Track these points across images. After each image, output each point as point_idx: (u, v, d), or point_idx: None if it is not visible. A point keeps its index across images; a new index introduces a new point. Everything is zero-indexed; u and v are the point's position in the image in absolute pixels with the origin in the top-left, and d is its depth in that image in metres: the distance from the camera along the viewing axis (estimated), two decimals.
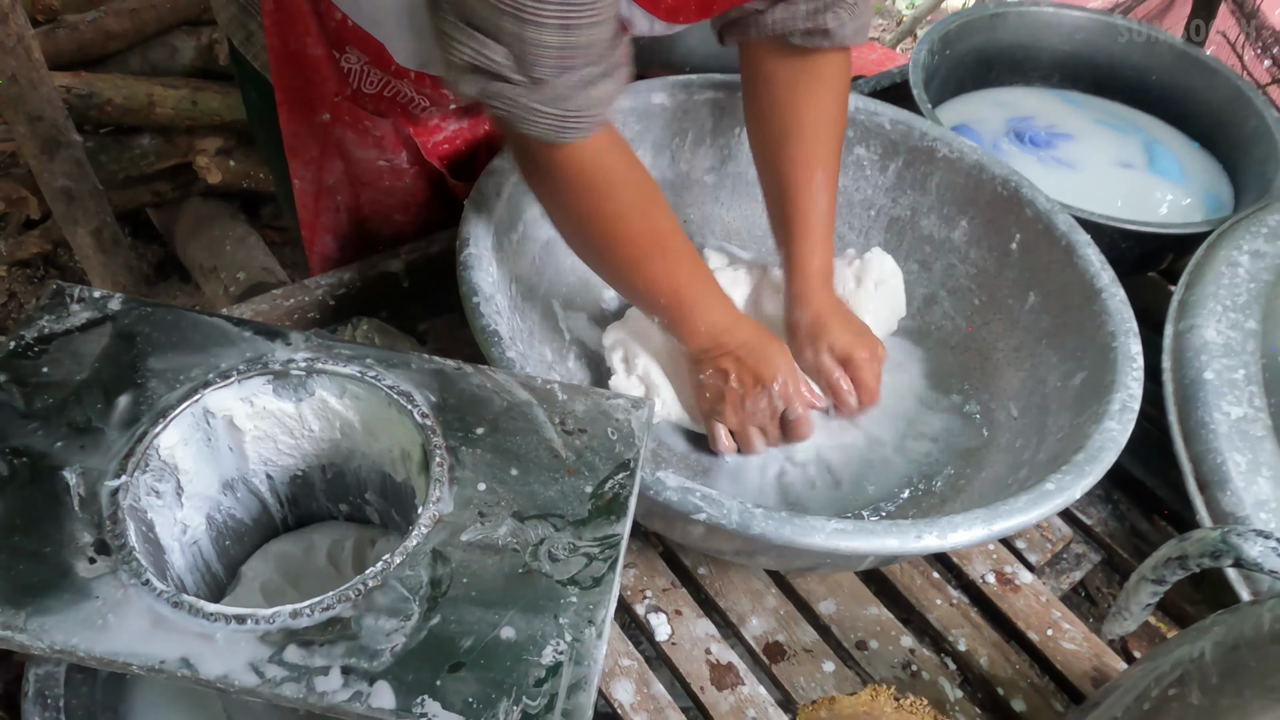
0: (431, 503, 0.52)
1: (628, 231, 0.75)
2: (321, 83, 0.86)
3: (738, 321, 0.80)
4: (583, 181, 0.72)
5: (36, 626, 0.46)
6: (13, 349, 0.57)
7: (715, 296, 0.79)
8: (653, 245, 0.76)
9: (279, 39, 0.83)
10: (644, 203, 0.75)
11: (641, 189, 0.75)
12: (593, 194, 0.72)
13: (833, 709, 0.37)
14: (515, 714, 0.45)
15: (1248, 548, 0.53)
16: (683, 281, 0.77)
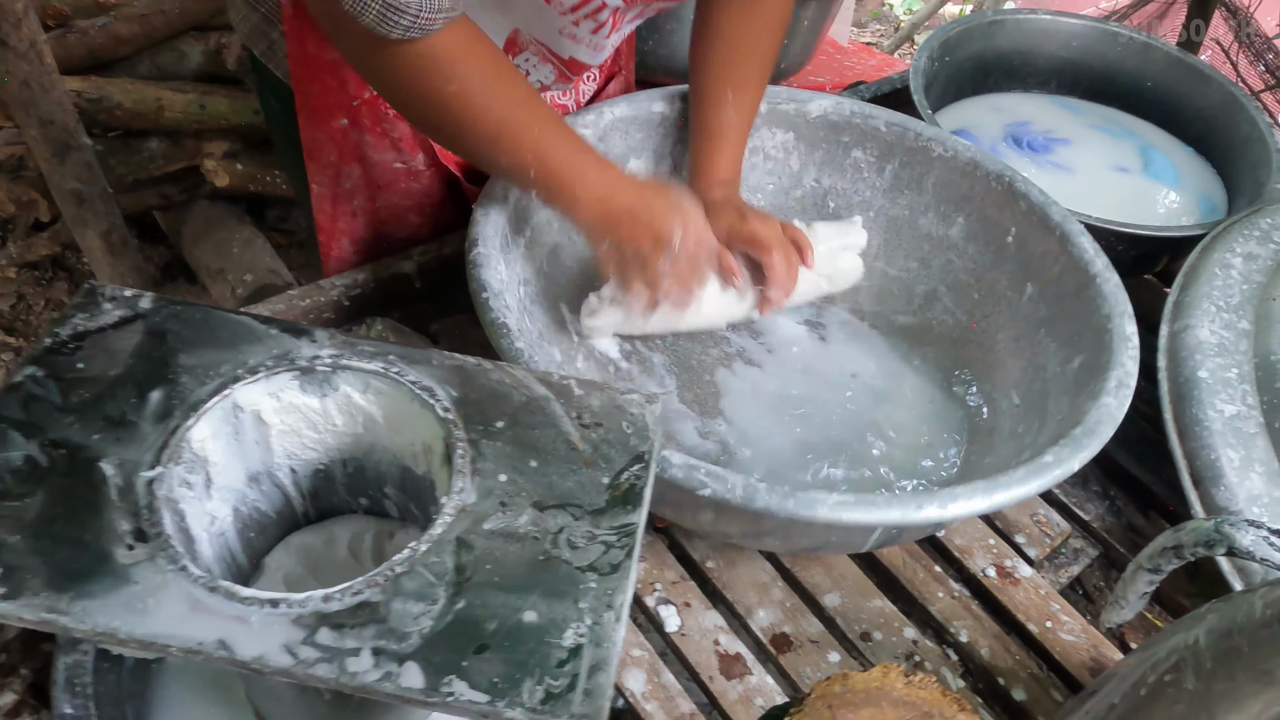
0: (455, 493, 0.54)
1: (477, 109, 0.72)
2: (340, 88, 0.88)
3: (619, 181, 0.77)
4: (420, 67, 0.70)
5: (80, 610, 0.48)
6: (49, 346, 0.58)
7: (589, 160, 0.76)
8: (506, 119, 0.73)
9: (298, 45, 0.85)
10: (492, 80, 0.72)
11: (487, 66, 0.72)
12: (430, 77, 0.70)
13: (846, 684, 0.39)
14: (539, 693, 0.47)
15: (1240, 537, 0.55)
16: (547, 150, 0.74)
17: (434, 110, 0.73)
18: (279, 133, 1.00)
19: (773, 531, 0.74)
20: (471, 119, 0.72)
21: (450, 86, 0.71)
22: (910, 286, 1.04)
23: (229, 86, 1.84)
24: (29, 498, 0.51)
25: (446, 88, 0.71)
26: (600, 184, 0.76)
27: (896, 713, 0.38)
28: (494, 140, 0.74)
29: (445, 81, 0.70)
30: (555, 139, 0.75)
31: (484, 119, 0.72)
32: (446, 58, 0.69)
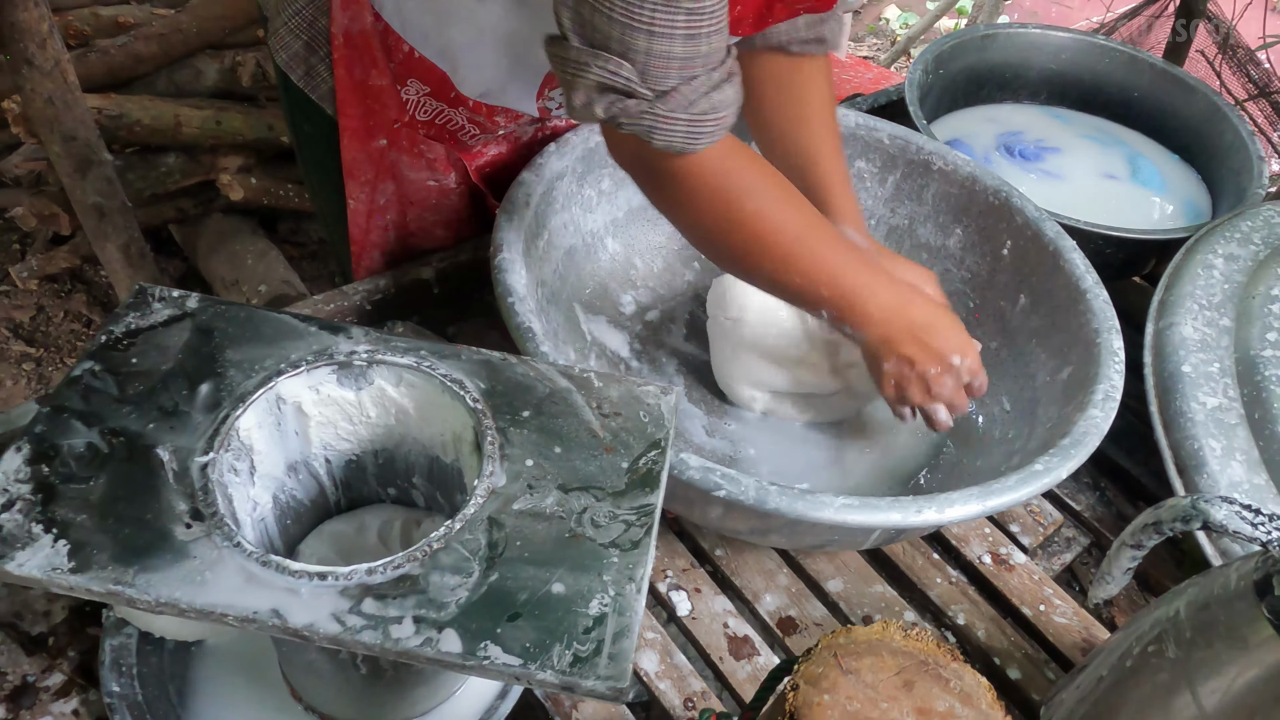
0: (486, 476, 0.58)
1: (772, 228, 0.74)
2: (382, 111, 0.93)
3: (909, 299, 0.79)
4: (716, 185, 0.72)
5: (143, 582, 0.52)
6: (104, 342, 0.63)
7: (878, 277, 0.79)
8: (800, 238, 0.75)
9: (346, 71, 0.90)
10: (783, 197, 0.75)
11: (777, 184, 0.75)
12: (729, 196, 0.72)
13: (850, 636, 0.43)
14: (567, 657, 0.51)
15: (1214, 512, 0.59)
16: (840, 269, 0.76)
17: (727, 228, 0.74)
18: (308, 153, 1.05)
19: (780, 529, 0.78)
20: (766, 236, 0.74)
21: (749, 204, 0.73)
22: None
23: (243, 103, 1.89)
24: (93, 481, 0.55)
25: (746, 205, 0.73)
26: (891, 301, 0.78)
27: (895, 661, 0.42)
28: (788, 260, 0.75)
29: (737, 198, 0.73)
30: (847, 258, 0.77)
31: (778, 238, 0.74)
32: (735, 172, 0.72)
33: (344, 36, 0.90)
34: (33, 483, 0.55)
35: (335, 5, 0.88)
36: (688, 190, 0.73)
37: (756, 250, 0.75)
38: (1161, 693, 0.63)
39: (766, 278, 0.78)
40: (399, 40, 0.89)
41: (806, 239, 0.76)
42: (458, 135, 0.97)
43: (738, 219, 0.74)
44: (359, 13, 0.88)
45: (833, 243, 0.78)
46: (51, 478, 0.55)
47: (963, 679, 0.43)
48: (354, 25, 0.89)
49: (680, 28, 0.64)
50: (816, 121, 0.91)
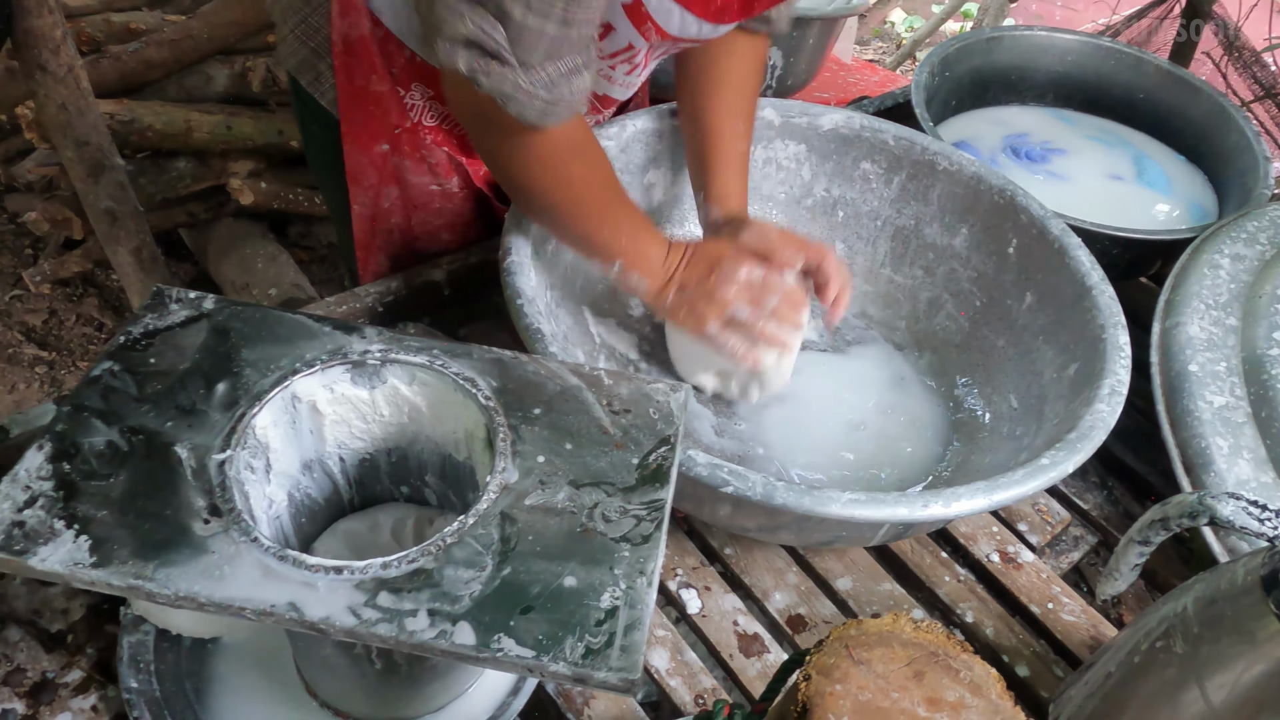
0: (498, 472, 0.59)
1: (582, 194, 0.81)
2: (384, 116, 0.94)
3: (673, 245, 0.86)
4: (551, 152, 0.78)
5: (163, 576, 0.52)
6: (123, 343, 0.64)
7: (653, 235, 0.86)
8: (610, 203, 0.83)
9: (346, 78, 0.91)
10: (594, 166, 0.82)
11: (598, 160, 0.82)
12: (550, 162, 0.79)
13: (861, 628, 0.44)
14: (580, 649, 0.52)
15: (1221, 508, 0.59)
16: (631, 229, 0.84)
17: (558, 190, 0.81)
18: (317, 156, 1.06)
19: (788, 526, 0.79)
20: (585, 200, 0.82)
21: (575, 169, 0.80)
22: (915, 293, 1.09)
23: (254, 108, 1.91)
24: (113, 478, 0.56)
25: (573, 170, 0.80)
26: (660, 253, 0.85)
27: (906, 652, 0.42)
28: (599, 217, 0.83)
29: (571, 164, 0.80)
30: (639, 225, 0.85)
31: (593, 203, 0.82)
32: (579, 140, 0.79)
33: (343, 43, 0.91)
34: (54, 480, 0.56)
35: (335, 13, 0.90)
36: (526, 155, 0.78)
37: (577, 207, 0.82)
38: (1169, 688, 0.63)
39: (577, 230, 0.84)
40: (400, 45, 0.90)
41: (614, 198, 0.84)
42: (465, 139, 0.98)
43: (566, 178, 0.80)
44: (358, 19, 0.90)
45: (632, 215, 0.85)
46: (73, 475, 0.56)
47: (972, 670, 0.43)
48: (353, 32, 0.90)
49: (557, 10, 0.67)
50: (727, 98, 0.94)
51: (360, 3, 0.88)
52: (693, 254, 0.86)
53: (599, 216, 0.83)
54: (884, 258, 1.11)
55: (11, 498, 0.55)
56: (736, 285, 0.84)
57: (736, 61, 0.94)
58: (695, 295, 0.84)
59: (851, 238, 1.12)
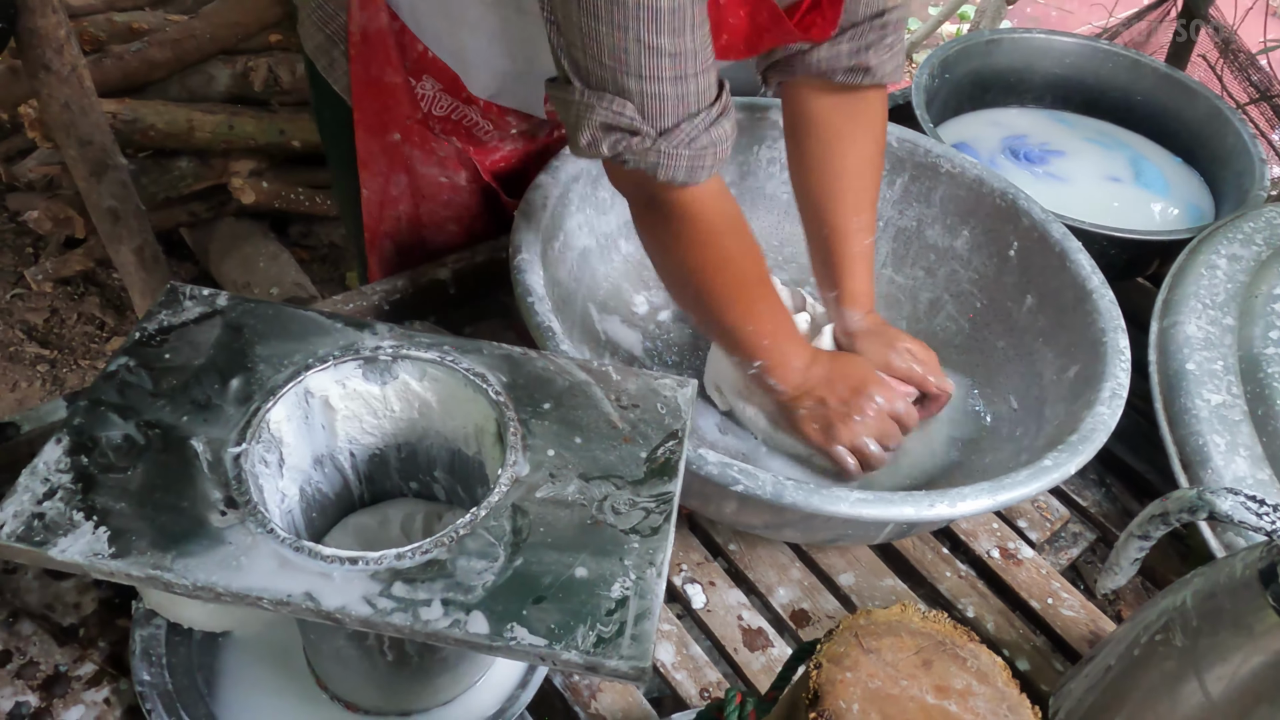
0: (509, 466, 0.60)
1: (745, 274, 0.80)
2: (396, 106, 0.95)
3: (816, 355, 0.86)
4: (700, 225, 0.77)
5: (181, 567, 0.53)
6: (138, 339, 0.65)
7: (798, 338, 0.86)
8: (763, 290, 0.81)
9: (361, 66, 0.92)
10: (748, 250, 0.80)
11: (746, 237, 0.80)
12: (717, 231, 0.78)
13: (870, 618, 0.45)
14: (591, 638, 0.53)
15: (1219, 503, 0.60)
16: (776, 327, 0.82)
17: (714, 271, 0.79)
18: (331, 141, 1.08)
19: (794, 524, 0.80)
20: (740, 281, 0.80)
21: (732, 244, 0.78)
22: (915, 294, 1.10)
23: (255, 108, 1.92)
24: (130, 470, 0.57)
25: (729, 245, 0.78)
26: (805, 358, 0.84)
27: (914, 640, 0.43)
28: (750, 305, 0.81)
29: (728, 238, 0.78)
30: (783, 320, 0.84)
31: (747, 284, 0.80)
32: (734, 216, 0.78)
33: (361, 34, 0.92)
34: (73, 472, 0.57)
35: (354, 5, 0.91)
36: (680, 220, 0.77)
37: (728, 291, 0.80)
38: (1169, 680, 0.64)
39: (726, 320, 0.82)
40: (414, 39, 0.91)
41: (766, 292, 0.82)
42: (473, 131, 0.99)
43: (721, 258, 0.79)
44: (375, 12, 0.91)
45: (776, 305, 0.84)
46: (91, 468, 0.57)
47: (979, 658, 0.44)
48: (371, 24, 0.91)
49: (666, 71, 0.68)
50: (850, 191, 0.91)
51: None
52: (836, 371, 0.85)
53: (749, 309, 0.81)
54: (885, 258, 1.12)
55: (31, 490, 0.55)
56: (874, 416, 0.84)
57: (853, 145, 0.91)
58: (833, 415, 0.84)
59: None
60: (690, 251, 0.79)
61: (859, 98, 0.91)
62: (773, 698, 0.47)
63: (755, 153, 1.09)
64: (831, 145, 0.91)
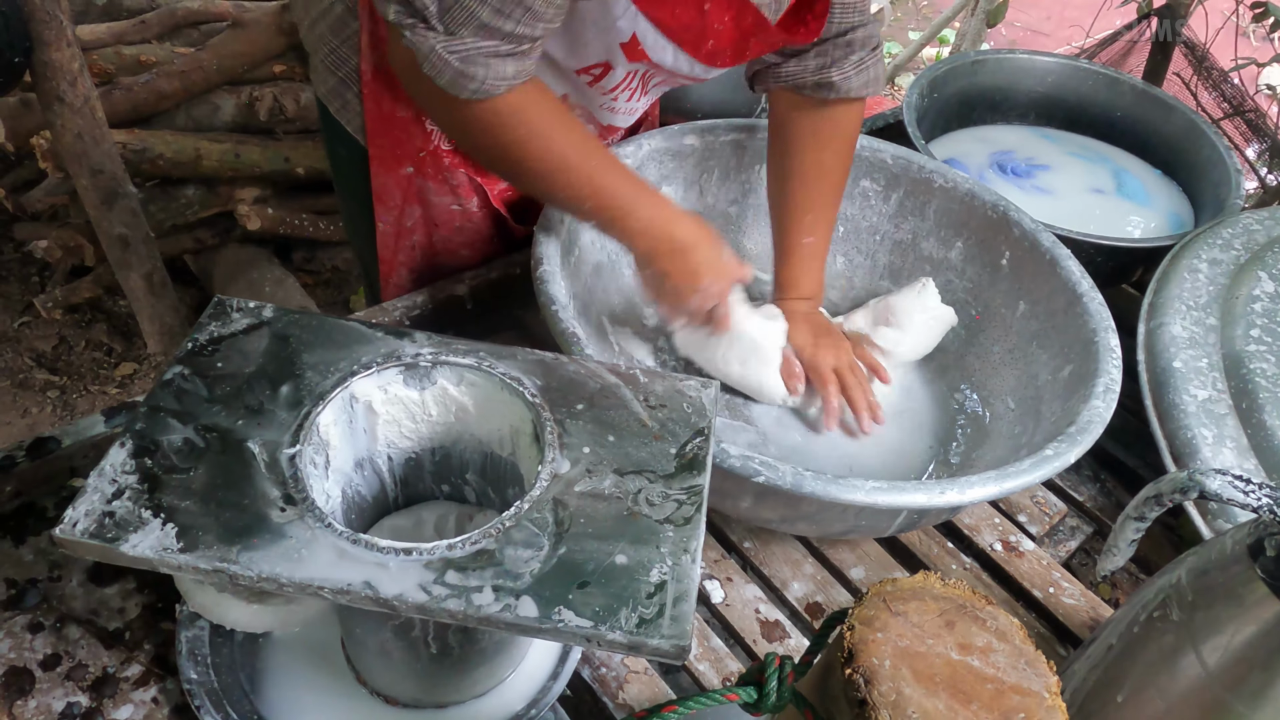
0: (548, 463, 0.64)
1: (534, 152, 0.82)
2: (409, 140, 0.99)
3: (672, 217, 0.87)
4: (488, 119, 0.80)
5: (246, 560, 0.57)
6: (191, 349, 0.68)
7: (645, 196, 0.86)
8: (565, 158, 0.83)
9: (374, 104, 0.96)
10: (550, 125, 0.82)
11: (546, 116, 0.82)
12: (497, 129, 0.81)
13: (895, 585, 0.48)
14: (633, 619, 0.56)
15: (1209, 483, 0.65)
16: (603, 185, 0.84)
17: (499, 152, 0.84)
18: (343, 177, 1.12)
19: (809, 516, 0.84)
20: (532, 159, 0.83)
21: (511, 134, 0.82)
22: None
23: (260, 136, 1.96)
24: (192, 471, 0.61)
25: (509, 135, 0.82)
26: (653, 218, 0.86)
27: (937, 604, 0.47)
28: (552, 175, 0.84)
29: (507, 130, 0.81)
30: (612, 175, 0.85)
31: (544, 159, 0.83)
32: (509, 110, 0.81)
33: (373, 73, 0.96)
34: (138, 473, 0.60)
35: (365, 44, 0.95)
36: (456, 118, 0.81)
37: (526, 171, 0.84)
38: (1168, 654, 0.68)
39: (542, 193, 0.88)
40: None
41: (570, 160, 0.83)
42: None
43: (503, 144, 0.82)
44: (386, 50, 0.95)
45: (600, 164, 0.85)
46: (155, 469, 0.60)
47: (998, 619, 0.48)
48: (382, 63, 0.96)
49: (491, 1, 0.72)
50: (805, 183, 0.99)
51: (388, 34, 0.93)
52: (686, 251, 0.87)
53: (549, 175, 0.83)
54: (883, 270, 1.17)
55: (100, 490, 0.59)
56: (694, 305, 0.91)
57: (810, 152, 0.98)
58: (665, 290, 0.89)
59: (852, 251, 1.17)
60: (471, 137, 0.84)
61: (826, 109, 0.98)
62: (808, 661, 0.51)
63: (756, 171, 1.14)
64: (791, 150, 0.99)
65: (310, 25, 1.01)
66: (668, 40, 0.86)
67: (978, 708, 0.44)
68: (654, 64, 0.90)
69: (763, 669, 0.49)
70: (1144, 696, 0.68)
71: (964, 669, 0.45)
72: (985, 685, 0.45)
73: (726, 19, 0.85)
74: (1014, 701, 0.46)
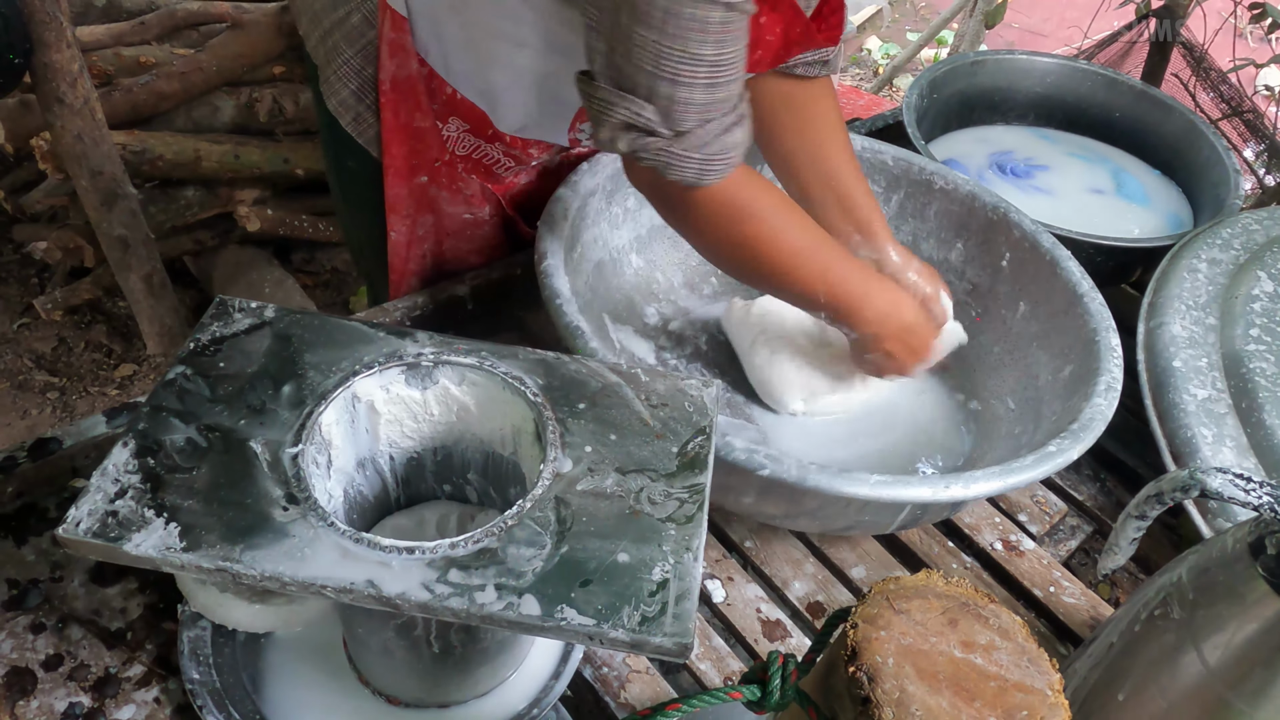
0: (550, 461, 0.64)
1: (771, 246, 0.84)
2: (425, 150, 0.99)
3: (899, 301, 0.92)
4: (725, 213, 0.81)
5: (249, 559, 0.57)
6: (193, 349, 0.68)
7: (872, 286, 0.90)
8: (798, 253, 0.85)
9: (393, 115, 0.96)
10: (784, 220, 0.84)
11: (780, 209, 0.84)
12: (735, 222, 0.82)
13: (898, 584, 0.49)
14: (636, 617, 0.56)
15: (1210, 481, 0.65)
16: (836, 280, 0.87)
17: (738, 245, 0.84)
18: (350, 188, 1.12)
19: (812, 511, 0.84)
20: (770, 251, 0.84)
21: (750, 226, 0.83)
22: None
23: (260, 138, 1.96)
24: (195, 471, 0.61)
25: (748, 227, 0.83)
26: (884, 308, 0.90)
27: (940, 602, 0.47)
28: (787, 271, 0.86)
29: (747, 220, 0.82)
30: (843, 267, 0.88)
31: (780, 251, 0.85)
32: (746, 198, 0.82)
33: (391, 83, 0.96)
34: (141, 473, 0.60)
35: (384, 54, 0.95)
36: (696, 216, 0.82)
37: (758, 264, 0.86)
38: (1169, 653, 0.68)
39: (769, 287, 0.91)
40: (442, 83, 0.96)
41: (804, 254, 0.86)
42: (492, 169, 1.04)
43: (739, 239, 0.83)
44: (405, 60, 0.95)
45: (831, 255, 0.88)
46: (157, 468, 0.60)
47: (1000, 617, 0.48)
48: (400, 72, 0.96)
49: (702, 78, 0.72)
50: (831, 142, 0.99)
51: (408, 44, 0.93)
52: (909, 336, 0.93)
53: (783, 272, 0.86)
54: None
55: (103, 490, 0.59)
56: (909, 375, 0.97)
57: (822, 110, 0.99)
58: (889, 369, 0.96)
59: None
60: (709, 236, 0.85)
61: (819, 81, 1.00)
62: (811, 659, 0.51)
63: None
64: (803, 110, 1.00)
65: (321, 37, 1.01)
66: None
67: (981, 705, 0.45)
68: None
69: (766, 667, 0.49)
70: (1145, 695, 0.68)
71: (967, 667, 0.45)
72: (988, 683, 0.45)
73: (778, 30, 0.86)
74: (1017, 699, 0.46)
